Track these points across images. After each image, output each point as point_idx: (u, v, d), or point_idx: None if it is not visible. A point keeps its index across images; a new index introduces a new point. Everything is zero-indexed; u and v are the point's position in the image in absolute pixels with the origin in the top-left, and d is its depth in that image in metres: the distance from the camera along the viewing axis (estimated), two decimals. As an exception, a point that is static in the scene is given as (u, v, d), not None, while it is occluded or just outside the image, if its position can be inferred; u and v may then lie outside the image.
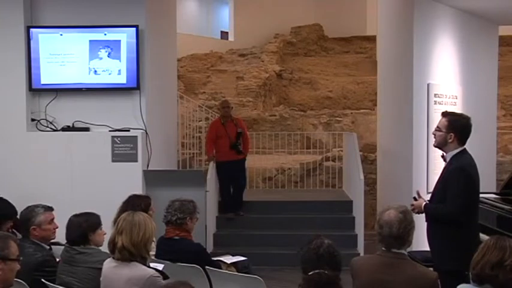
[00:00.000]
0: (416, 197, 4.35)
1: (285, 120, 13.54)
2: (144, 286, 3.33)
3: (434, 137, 4.30)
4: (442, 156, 4.32)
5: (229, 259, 4.99)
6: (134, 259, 3.42)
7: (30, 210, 4.19)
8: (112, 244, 3.48)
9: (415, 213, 4.08)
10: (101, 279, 3.54)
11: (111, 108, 6.52)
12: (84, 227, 3.85)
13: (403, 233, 3.26)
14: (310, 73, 16.74)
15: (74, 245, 3.84)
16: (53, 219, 4.21)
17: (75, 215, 3.95)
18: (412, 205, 4.25)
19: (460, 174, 4.08)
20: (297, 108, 14.76)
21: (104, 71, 6.44)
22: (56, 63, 6.46)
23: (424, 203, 4.24)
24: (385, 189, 9.10)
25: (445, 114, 4.31)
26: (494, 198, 6.07)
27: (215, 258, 4.80)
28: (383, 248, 3.32)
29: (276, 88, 15.88)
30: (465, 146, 4.24)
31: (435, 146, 4.36)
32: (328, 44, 19.08)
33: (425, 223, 4.30)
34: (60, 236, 4.07)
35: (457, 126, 4.20)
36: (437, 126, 4.28)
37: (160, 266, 3.88)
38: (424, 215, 4.26)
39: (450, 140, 4.19)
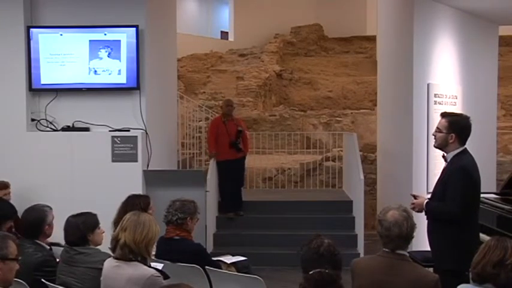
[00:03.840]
0: (416, 195, 4.36)
1: (285, 120, 13.53)
2: (145, 286, 3.33)
3: (435, 138, 4.30)
4: (443, 156, 4.32)
5: (229, 259, 4.99)
6: (134, 258, 3.42)
7: (41, 211, 4.20)
8: (115, 241, 3.48)
9: (415, 212, 4.09)
10: (102, 278, 3.54)
11: (111, 108, 6.51)
12: (82, 228, 3.85)
13: (411, 231, 3.26)
14: (310, 73, 16.74)
15: (73, 246, 3.84)
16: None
17: (73, 216, 3.95)
18: (413, 203, 4.25)
19: (461, 173, 4.08)
20: (297, 108, 14.75)
21: (104, 71, 6.44)
22: (56, 63, 6.46)
23: (426, 200, 4.24)
24: (385, 189, 9.10)
25: (444, 114, 4.30)
26: (494, 198, 6.07)
27: (215, 258, 4.79)
28: (385, 250, 3.29)
29: (276, 88, 15.88)
30: (465, 146, 4.24)
31: (436, 147, 4.35)
32: (328, 44, 19.09)
33: (425, 223, 4.30)
34: (60, 236, 4.06)
35: (457, 127, 4.20)
36: (437, 127, 4.28)
37: (160, 266, 3.87)
38: (424, 213, 4.27)
39: (451, 141, 4.19)
